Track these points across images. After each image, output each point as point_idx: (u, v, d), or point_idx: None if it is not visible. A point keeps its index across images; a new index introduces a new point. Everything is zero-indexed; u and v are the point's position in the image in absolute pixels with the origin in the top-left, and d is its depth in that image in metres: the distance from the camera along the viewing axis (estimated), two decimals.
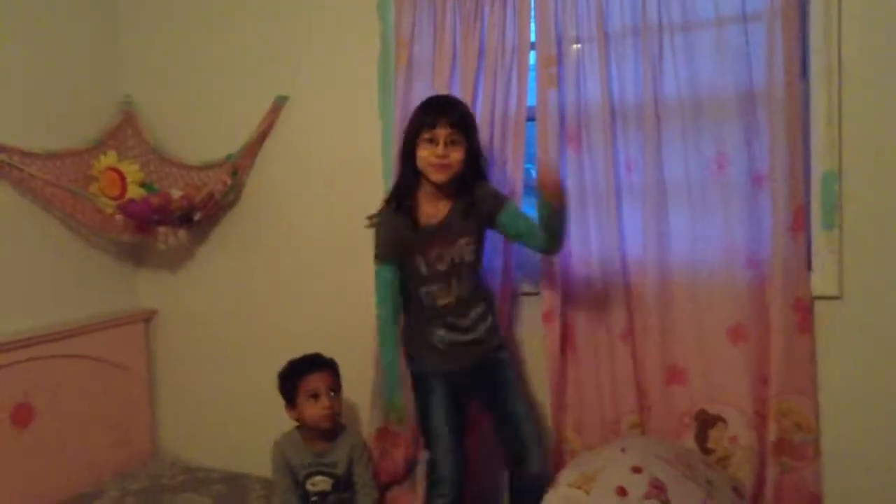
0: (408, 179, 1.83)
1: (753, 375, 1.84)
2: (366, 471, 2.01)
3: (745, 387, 1.84)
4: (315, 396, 1.99)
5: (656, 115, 1.89)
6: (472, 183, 1.82)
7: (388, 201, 1.88)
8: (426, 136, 1.76)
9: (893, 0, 1.71)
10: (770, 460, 1.82)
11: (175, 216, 2.36)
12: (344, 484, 2.02)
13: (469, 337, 1.85)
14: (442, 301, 1.83)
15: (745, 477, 1.84)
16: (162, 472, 2.47)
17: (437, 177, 1.77)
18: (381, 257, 1.86)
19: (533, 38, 2.01)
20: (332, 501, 2.01)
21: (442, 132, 1.74)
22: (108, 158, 2.41)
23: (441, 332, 1.84)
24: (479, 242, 1.87)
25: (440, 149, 1.74)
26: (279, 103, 2.39)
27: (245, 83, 2.44)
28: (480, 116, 2.03)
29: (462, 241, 1.81)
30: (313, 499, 2.00)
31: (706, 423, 1.89)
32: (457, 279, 1.82)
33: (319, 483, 2.01)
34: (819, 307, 1.81)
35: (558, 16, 1.96)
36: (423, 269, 1.82)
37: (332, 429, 2.02)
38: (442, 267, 1.82)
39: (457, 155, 1.76)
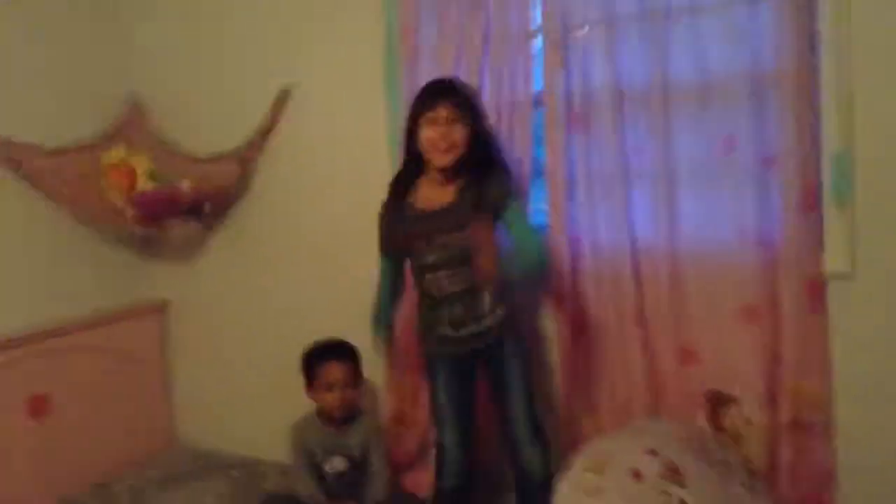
0: (410, 164, 1.81)
1: (766, 355, 1.83)
2: (379, 458, 2.03)
3: (757, 367, 1.83)
4: (329, 387, 2.00)
5: (664, 98, 1.87)
6: (484, 167, 1.75)
7: (390, 189, 1.86)
8: (427, 116, 1.72)
9: None
10: (783, 440, 1.82)
11: (185, 208, 2.37)
12: (360, 465, 2.04)
13: (475, 328, 1.79)
14: (451, 289, 1.77)
15: (758, 457, 1.83)
16: (178, 460, 2.50)
17: (441, 160, 1.72)
18: (382, 251, 1.92)
19: (539, 21, 2.00)
20: (348, 482, 2.03)
21: (443, 111, 1.70)
22: (118, 152, 2.43)
23: (440, 328, 1.81)
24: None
25: (442, 127, 1.70)
26: (285, 94, 2.39)
27: (250, 74, 2.44)
28: (486, 102, 2.02)
29: (466, 232, 1.67)
30: (330, 480, 2.02)
31: (719, 403, 1.89)
32: (463, 270, 1.73)
33: (337, 463, 2.03)
34: (831, 286, 1.80)
35: None
36: (428, 256, 1.77)
37: (346, 416, 2.04)
38: (443, 256, 1.75)
39: (459, 134, 1.71)
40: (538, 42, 2.01)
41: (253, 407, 2.57)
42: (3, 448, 2.12)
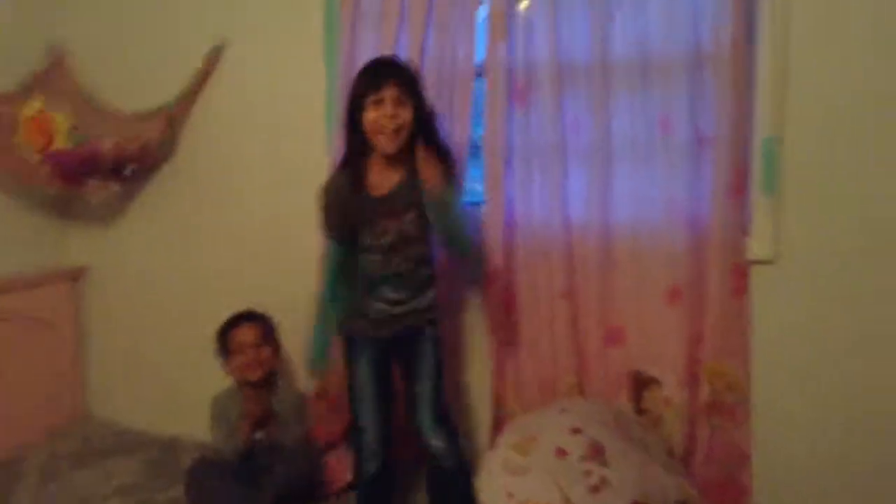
0: (356, 145, 1.73)
1: (688, 337, 1.85)
2: (297, 416, 2.00)
3: (679, 349, 1.85)
4: (241, 349, 1.96)
5: (604, 74, 1.86)
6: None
7: (340, 167, 1.78)
8: (372, 97, 1.65)
9: None
10: (701, 421, 1.85)
11: (105, 168, 2.25)
12: None
13: (402, 309, 1.77)
14: (393, 269, 1.74)
15: (677, 437, 1.86)
16: (92, 435, 2.40)
17: (388, 146, 1.67)
18: (328, 229, 1.76)
19: None
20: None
21: (389, 92, 1.64)
22: (35, 105, 2.27)
23: (378, 305, 1.77)
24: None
25: (388, 108, 1.64)
26: (218, 49, 2.27)
27: (183, 28, 2.32)
28: (428, 69, 1.97)
29: (407, 216, 1.71)
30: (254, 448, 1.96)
31: (641, 384, 1.90)
32: (402, 253, 1.73)
33: (259, 438, 1.97)
34: (754, 271, 1.83)
35: None
36: (368, 240, 1.74)
37: (263, 380, 1.99)
38: (386, 240, 1.72)
39: (406, 114, 1.66)
40: (483, 10, 1.96)
41: (171, 382, 2.47)
42: None
